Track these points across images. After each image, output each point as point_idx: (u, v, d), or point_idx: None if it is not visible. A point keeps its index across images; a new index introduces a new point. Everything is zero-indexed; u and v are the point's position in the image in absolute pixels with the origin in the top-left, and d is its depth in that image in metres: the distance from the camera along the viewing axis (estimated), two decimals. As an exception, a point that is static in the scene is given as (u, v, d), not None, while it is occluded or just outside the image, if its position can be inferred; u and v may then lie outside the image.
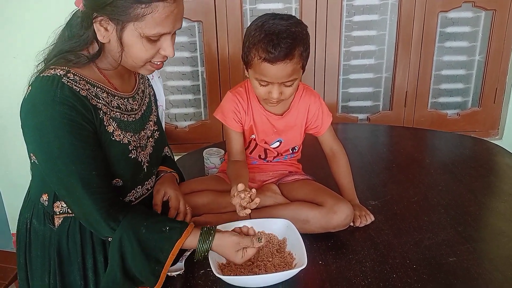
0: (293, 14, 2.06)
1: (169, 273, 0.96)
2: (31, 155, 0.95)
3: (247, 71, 1.13)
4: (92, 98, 0.90)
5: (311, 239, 1.11)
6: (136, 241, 0.89)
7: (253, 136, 1.24)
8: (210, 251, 0.93)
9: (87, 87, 0.90)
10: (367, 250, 1.08)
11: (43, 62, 0.92)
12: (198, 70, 2.16)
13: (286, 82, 1.08)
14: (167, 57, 0.93)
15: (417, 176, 1.48)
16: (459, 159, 1.60)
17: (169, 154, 1.24)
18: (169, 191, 1.09)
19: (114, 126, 0.94)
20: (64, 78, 0.87)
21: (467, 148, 1.72)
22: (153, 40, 0.88)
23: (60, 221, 0.98)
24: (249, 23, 2.07)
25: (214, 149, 1.49)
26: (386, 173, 1.51)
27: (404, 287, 0.94)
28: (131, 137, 0.98)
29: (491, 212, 1.25)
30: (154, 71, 0.97)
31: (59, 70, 0.88)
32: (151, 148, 1.05)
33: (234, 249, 0.93)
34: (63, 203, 0.97)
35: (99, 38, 0.88)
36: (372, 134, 1.95)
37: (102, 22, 0.86)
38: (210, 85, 2.14)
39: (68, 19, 0.94)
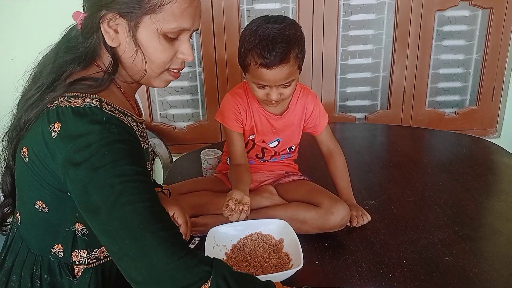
0: (290, 14, 2.08)
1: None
2: (40, 203, 0.79)
3: (245, 74, 1.14)
4: (132, 128, 0.76)
5: (308, 240, 1.11)
6: (234, 281, 0.70)
7: (252, 136, 1.24)
8: None
9: (122, 117, 0.75)
10: (364, 250, 1.08)
11: (42, 88, 0.75)
12: (195, 71, 2.16)
13: (284, 84, 1.08)
14: (184, 64, 0.83)
15: (414, 175, 1.48)
16: (457, 158, 1.61)
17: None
18: (173, 208, 1.00)
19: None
20: (104, 109, 0.72)
21: (465, 147, 1.72)
22: (171, 38, 0.77)
23: (80, 272, 0.83)
24: (246, 23, 2.08)
25: (211, 150, 1.49)
26: (383, 173, 1.51)
27: (400, 287, 0.95)
28: (149, 166, 0.86)
29: (488, 211, 1.26)
30: (169, 82, 0.84)
31: (89, 99, 0.72)
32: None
33: None
34: (83, 252, 0.82)
35: (108, 41, 0.75)
36: (370, 134, 1.95)
37: (111, 22, 0.75)
38: (208, 85, 2.15)
39: (64, 33, 0.82)
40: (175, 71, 0.83)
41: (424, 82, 2.23)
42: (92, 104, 0.72)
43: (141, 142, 0.81)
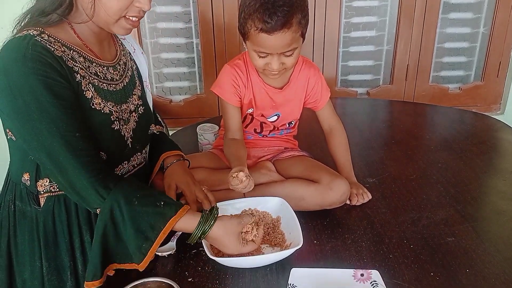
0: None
1: (159, 253, 0.93)
2: (7, 131, 0.89)
3: (245, 43, 1.07)
4: (68, 60, 0.83)
5: (306, 218, 1.08)
6: (128, 212, 0.82)
7: (250, 110, 1.19)
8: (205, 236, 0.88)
9: (62, 49, 0.83)
10: (363, 229, 1.05)
11: (17, 26, 0.86)
12: (192, 42, 2.08)
13: (286, 52, 1.03)
14: (143, 12, 0.87)
15: (416, 152, 1.44)
16: (460, 135, 1.56)
17: (159, 131, 1.17)
18: (180, 185, 1.03)
19: (93, 93, 0.87)
20: (37, 37, 0.81)
21: (468, 123, 1.68)
22: None
23: (44, 200, 0.92)
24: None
25: (208, 125, 1.44)
26: (384, 150, 1.47)
27: (401, 268, 0.92)
28: (112, 107, 0.91)
29: (491, 191, 1.22)
30: (130, 30, 0.90)
31: (32, 30, 0.82)
32: (135, 123, 0.99)
33: (236, 230, 0.89)
34: (45, 181, 0.91)
35: None
36: (372, 109, 1.90)
37: None
38: (205, 57, 2.08)
39: None
40: (133, 18, 0.87)
41: (428, 57, 2.16)
42: (31, 33, 0.81)
43: (99, 81, 0.90)
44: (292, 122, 1.26)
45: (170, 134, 1.92)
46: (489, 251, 0.97)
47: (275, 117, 1.22)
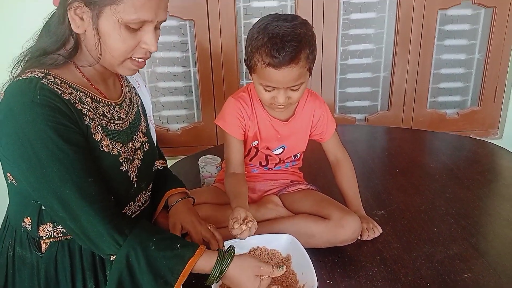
0: (289, 12, 2.00)
1: None
2: (8, 174, 0.85)
3: (251, 75, 1.06)
4: (76, 102, 0.81)
5: (316, 255, 1.04)
6: (145, 258, 0.79)
7: (255, 143, 1.17)
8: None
9: (69, 90, 0.81)
10: (377, 266, 1.02)
11: (19, 66, 0.84)
12: (190, 71, 2.07)
13: (293, 86, 1.01)
14: (150, 53, 0.85)
15: (422, 182, 1.42)
16: (463, 163, 1.55)
17: (162, 167, 1.14)
18: (185, 224, 0.99)
19: (102, 135, 0.85)
20: (43, 79, 0.78)
21: (470, 150, 1.67)
22: (132, 29, 0.79)
23: (47, 246, 0.88)
24: (242, 22, 2.00)
25: (210, 157, 1.41)
26: (389, 179, 1.45)
27: (419, 309, 0.88)
28: (120, 148, 0.89)
29: (502, 221, 1.20)
30: (136, 71, 0.88)
31: (37, 72, 0.79)
32: (139, 161, 0.96)
33: (253, 273, 0.85)
34: (48, 226, 0.87)
35: (74, 28, 0.80)
36: (371, 136, 1.89)
37: (77, 10, 0.78)
38: (203, 86, 2.06)
39: (47, 19, 0.86)
40: (139, 60, 0.85)
41: (425, 82, 2.17)
42: (36, 76, 0.78)
43: (106, 122, 0.87)
44: (298, 154, 1.24)
45: (169, 165, 1.89)
46: (508, 287, 0.93)
47: (281, 150, 1.19)
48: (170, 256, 0.80)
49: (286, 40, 0.95)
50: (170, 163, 1.72)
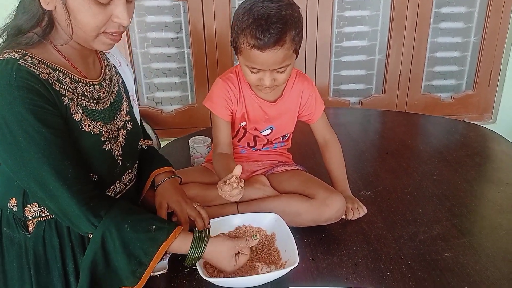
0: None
1: (152, 273, 0.90)
2: None
3: (237, 57, 1.05)
4: (54, 83, 0.80)
5: (301, 233, 1.06)
6: (119, 239, 0.81)
7: (243, 123, 1.17)
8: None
9: (47, 71, 0.80)
10: (360, 245, 1.03)
11: None
12: (184, 52, 2.06)
13: (278, 68, 1.01)
14: (123, 27, 0.83)
15: (411, 164, 1.43)
16: (454, 146, 1.56)
17: (148, 146, 1.14)
18: (171, 204, 1.00)
19: (82, 115, 0.84)
20: (20, 60, 0.77)
21: (462, 134, 1.67)
22: (102, 3, 0.78)
23: (34, 226, 0.89)
24: (236, 2, 1.98)
25: (200, 137, 1.42)
26: (379, 161, 1.46)
27: (398, 286, 0.90)
28: (102, 127, 0.89)
29: (487, 204, 1.21)
30: (112, 45, 0.86)
31: (14, 53, 0.78)
32: (123, 141, 0.96)
33: (229, 254, 0.87)
34: (34, 206, 0.88)
35: (43, 4, 0.78)
36: (365, 119, 1.89)
37: None
38: (197, 67, 2.06)
39: None
40: (113, 34, 0.83)
41: (420, 66, 2.17)
42: (13, 57, 0.77)
43: (86, 102, 0.86)
44: (286, 136, 1.24)
45: (161, 145, 1.89)
46: (487, 266, 0.95)
47: (269, 131, 1.20)
48: (144, 238, 0.82)
49: (271, 22, 0.94)
50: (163, 144, 1.73)
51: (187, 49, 2.05)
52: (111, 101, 0.95)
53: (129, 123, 0.99)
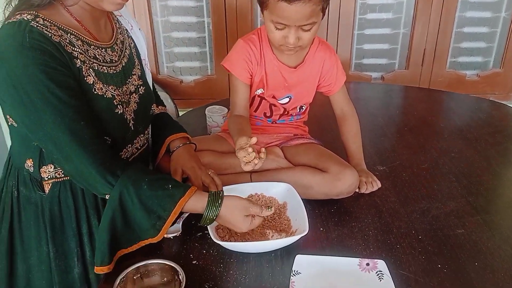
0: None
1: (165, 235, 0.93)
2: (8, 117, 0.87)
3: (262, 12, 1.04)
4: (66, 45, 0.80)
5: (313, 204, 1.06)
6: (137, 197, 0.82)
7: (260, 91, 1.16)
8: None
9: (59, 33, 0.80)
10: (371, 218, 1.04)
11: (9, 6, 0.83)
12: (204, 21, 2.05)
13: (304, 25, 0.99)
14: None
15: (429, 141, 1.41)
16: (475, 124, 1.52)
17: (162, 112, 1.14)
18: (186, 169, 1.02)
19: (94, 78, 0.85)
20: (32, 22, 0.77)
21: (485, 112, 1.63)
22: None
23: (49, 187, 0.91)
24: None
25: (217, 107, 1.42)
26: (397, 137, 1.44)
27: (408, 259, 0.91)
28: (114, 91, 0.89)
29: (505, 182, 1.19)
30: (121, 5, 0.85)
31: (25, 15, 0.78)
32: (136, 105, 0.97)
33: (242, 213, 0.88)
34: (50, 167, 0.90)
35: None
36: (386, 95, 1.86)
37: None
38: (217, 38, 2.04)
39: None
40: None
41: (446, 41, 2.09)
42: (25, 18, 0.77)
43: (98, 65, 0.87)
44: (303, 107, 1.23)
45: (180, 115, 1.91)
46: (499, 244, 0.95)
47: (287, 99, 1.19)
48: (162, 195, 0.84)
49: None
50: (181, 113, 1.75)
51: (207, 18, 2.03)
52: (123, 64, 0.95)
53: (141, 87, 1.00)
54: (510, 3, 2.04)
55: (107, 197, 0.85)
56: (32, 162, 0.90)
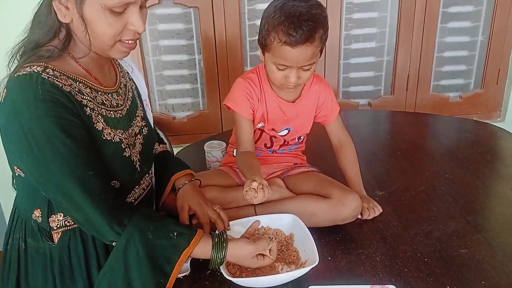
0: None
1: None
2: (15, 168, 0.88)
3: (264, 55, 1.09)
4: (76, 94, 0.83)
5: (318, 233, 1.08)
6: (142, 247, 0.83)
7: (260, 124, 1.20)
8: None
9: (69, 82, 0.83)
10: (377, 243, 1.06)
11: (14, 60, 0.85)
12: (195, 59, 2.10)
13: (305, 66, 1.04)
14: (139, 34, 0.85)
15: (423, 163, 1.45)
16: (464, 145, 1.58)
17: (164, 150, 1.16)
18: (193, 206, 1.03)
19: (103, 124, 0.87)
20: (43, 74, 0.79)
21: (471, 132, 1.69)
22: (117, 12, 0.79)
23: (59, 236, 0.91)
24: (246, 8, 2.01)
25: (215, 142, 1.45)
26: (390, 162, 1.48)
27: (417, 282, 0.92)
28: (122, 134, 0.92)
29: (499, 200, 1.23)
30: (127, 53, 0.88)
31: (35, 67, 0.80)
32: (140, 146, 0.99)
33: (249, 257, 0.90)
34: (59, 216, 0.90)
35: (60, 18, 0.80)
36: (374, 120, 1.92)
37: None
38: (208, 73, 2.09)
39: (36, 10, 0.86)
40: (129, 42, 0.86)
41: (428, 66, 2.18)
42: (35, 70, 0.79)
43: (106, 110, 0.89)
44: (302, 137, 1.27)
45: (174, 152, 1.93)
46: (503, 261, 0.97)
47: (286, 131, 1.22)
48: (167, 245, 0.85)
49: (303, 20, 0.98)
50: (176, 151, 1.77)
51: (198, 55, 2.09)
52: (127, 107, 0.97)
53: (145, 128, 1.02)
54: (486, 27, 2.15)
55: (114, 244, 0.86)
56: (40, 212, 0.90)
